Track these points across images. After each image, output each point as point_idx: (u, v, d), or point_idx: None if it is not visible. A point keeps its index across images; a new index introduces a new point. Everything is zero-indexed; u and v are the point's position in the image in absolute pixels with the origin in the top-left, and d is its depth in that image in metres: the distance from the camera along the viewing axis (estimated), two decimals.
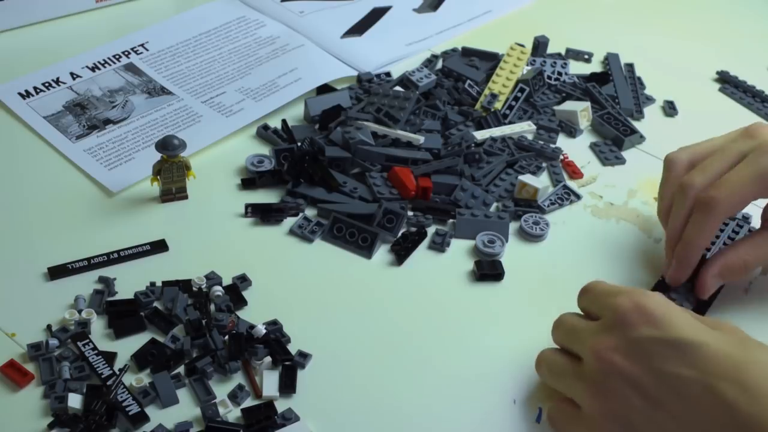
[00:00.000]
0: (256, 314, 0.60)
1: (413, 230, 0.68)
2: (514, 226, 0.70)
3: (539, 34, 0.91)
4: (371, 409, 0.55)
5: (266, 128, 0.77)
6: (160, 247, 0.64)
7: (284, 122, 0.77)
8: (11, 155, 0.73)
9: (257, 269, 0.63)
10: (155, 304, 0.60)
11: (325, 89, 0.83)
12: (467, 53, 0.91)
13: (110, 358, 0.55)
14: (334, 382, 0.56)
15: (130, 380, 0.54)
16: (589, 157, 0.79)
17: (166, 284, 0.61)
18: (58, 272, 0.61)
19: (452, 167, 0.72)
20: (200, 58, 0.86)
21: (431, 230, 0.68)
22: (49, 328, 0.57)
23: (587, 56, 0.94)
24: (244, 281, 0.62)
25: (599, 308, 0.53)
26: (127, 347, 0.56)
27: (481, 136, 0.77)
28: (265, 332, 0.58)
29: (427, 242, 0.68)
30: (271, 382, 0.55)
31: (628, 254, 0.69)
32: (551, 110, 0.83)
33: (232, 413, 0.53)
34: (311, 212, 0.69)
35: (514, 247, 0.68)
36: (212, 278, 0.62)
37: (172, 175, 0.67)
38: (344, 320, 0.61)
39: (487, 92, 0.83)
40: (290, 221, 0.68)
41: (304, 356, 0.57)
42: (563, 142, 0.80)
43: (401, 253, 0.66)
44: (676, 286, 0.63)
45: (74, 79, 0.82)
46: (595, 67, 0.93)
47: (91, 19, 0.92)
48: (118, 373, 0.54)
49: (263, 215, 0.68)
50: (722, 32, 1.03)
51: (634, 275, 0.67)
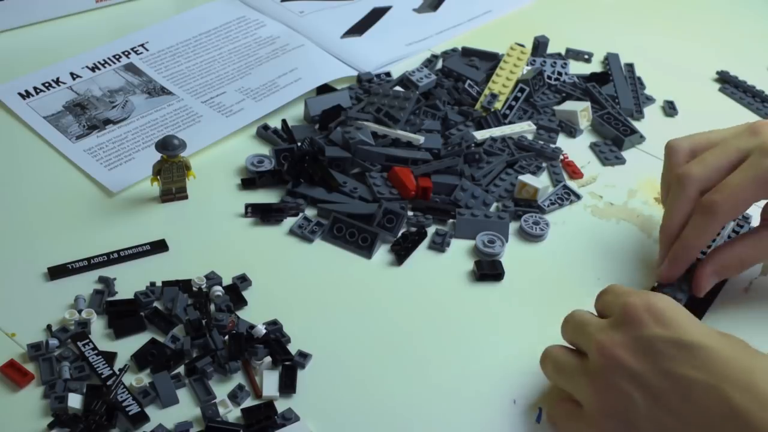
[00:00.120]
0: (256, 314, 0.60)
1: (413, 230, 0.68)
2: (514, 226, 0.70)
3: (539, 34, 0.91)
4: (371, 409, 0.55)
5: (266, 128, 0.77)
6: (160, 247, 0.64)
7: (284, 122, 0.77)
8: (11, 155, 0.73)
9: (257, 269, 0.63)
10: (155, 304, 0.60)
11: (325, 89, 0.83)
12: (467, 53, 0.91)
13: (110, 358, 0.55)
14: (334, 382, 0.56)
15: (130, 380, 0.54)
16: (589, 157, 0.79)
17: (166, 284, 0.61)
18: (58, 272, 0.61)
19: (452, 167, 0.72)
20: (200, 58, 0.86)
21: (431, 230, 0.68)
22: (49, 328, 0.57)
23: (587, 56, 0.94)
24: (244, 281, 0.62)
25: (610, 307, 0.53)
26: (127, 347, 0.56)
27: (481, 136, 0.77)
28: (265, 332, 0.58)
29: (427, 242, 0.68)
30: (271, 382, 0.55)
31: (628, 254, 0.69)
32: (551, 110, 0.83)
33: (232, 413, 0.53)
34: (311, 212, 0.69)
35: (514, 247, 0.68)
36: (212, 278, 0.62)
37: (172, 175, 0.67)
38: (344, 320, 0.61)
39: (487, 92, 0.83)
40: (290, 221, 0.68)
41: (304, 356, 0.57)
42: (563, 142, 0.80)
43: (401, 253, 0.66)
44: (666, 282, 0.63)
45: (74, 79, 0.82)
46: (595, 67, 0.93)
47: (91, 19, 0.92)
48: (118, 373, 0.54)
49: (263, 215, 0.68)
50: (722, 32, 1.03)
51: (633, 275, 0.67)
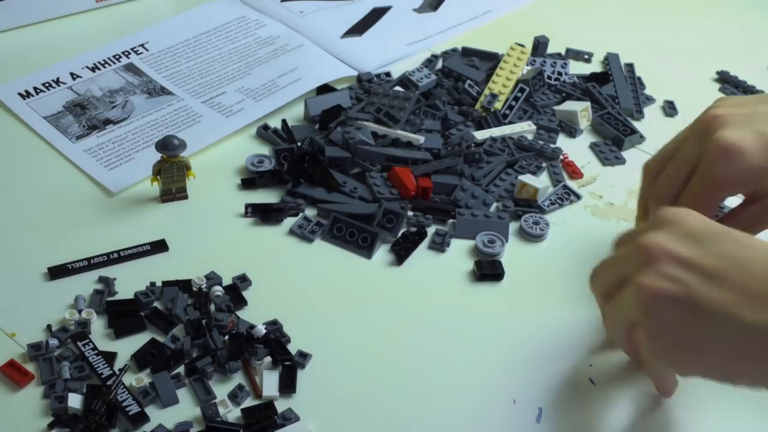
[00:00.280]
0: (256, 314, 0.60)
1: (413, 230, 0.68)
2: (514, 226, 0.70)
3: (539, 34, 0.91)
4: (371, 409, 0.55)
5: (266, 128, 0.77)
6: (160, 247, 0.64)
7: (284, 122, 0.77)
8: (11, 155, 0.73)
9: (257, 269, 0.63)
10: (155, 304, 0.60)
11: (325, 89, 0.83)
12: (467, 53, 0.91)
13: (110, 358, 0.55)
14: (334, 382, 0.56)
15: (130, 380, 0.54)
16: (589, 157, 0.79)
17: (166, 284, 0.61)
18: (58, 272, 0.61)
19: (452, 167, 0.72)
20: (200, 58, 0.86)
21: (431, 230, 0.68)
22: (49, 328, 0.57)
23: (587, 56, 0.94)
24: (244, 281, 0.62)
25: (639, 228, 0.51)
26: (127, 347, 0.56)
27: (481, 136, 0.77)
28: (265, 332, 0.58)
29: (427, 242, 0.68)
30: (271, 382, 0.55)
31: None
32: (551, 110, 0.83)
33: (232, 413, 0.53)
34: (311, 212, 0.69)
35: (514, 247, 0.68)
36: (212, 278, 0.62)
37: (172, 175, 0.67)
38: (344, 320, 0.61)
39: (487, 92, 0.83)
40: (290, 221, 0.68)
41: (304, 356, 0.57)
42: (563, 142, 0.80)
43: (401, 253, 0.66)
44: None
45: (74, 79, 0.82)
46: (595, 67, 0.93)
47: (91, 19, 0.92)
48: (118, 373, 0.54)
49: (263, 215, 0.68)
50: (722, 32, 1.03)
51: None
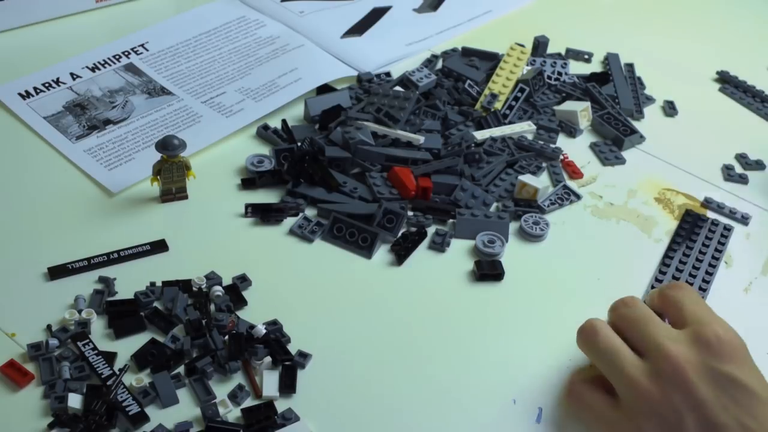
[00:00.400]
0: (256, 314, 0.60)
1: (413, 230, 0.68)
2: (514, 226, 0.70)
3: (539, 34, 0.91)
4: (371, 409, 0.55)
5: (266, 128, 0.77)
6: (160, 247, 0.64)
7: (284, 122, 0.77)
8: (11, 156, 0.73)
9: (257, 269, 0.63)
10: (155, 304, 0.60)
11: (325, 89, 0.83)
12: (467, 53, 0.91)
13: (110, 358, 0.55)
14: (334, 382, 0.56)
15: (130, 380, 0.54)
16: (589, 157, 0.79)
17: (166, 284, 0.61)
18: (58, 272, 0.61)
19: (452, 167, 0.72)
20: (200, 58, 0.86)
21: (431, 230, 0.68)
22: (49, 328, 0.57)
23: (587, 56, 0.94)
24: (244, 281, 0.62)
25: (688, 316, 0.53)
26: (127, 347, 0.56)
27: (481, 136, 0.77)
28: (265, 332, 0.58)
29: (427, 242, 0.68)
30: (271, 382, 0.55)
31: (627, 254, 0.69)
32: (551, 110, 0.83)
33: (232, 413, 0.53)
34: (311, 212, 0.69)
35: (514, 247, 0.68)
36: (212, 278, 0.62)
37: (172, 175, 0.67)
38: (344, 320, 0.61)
39: (487, 92, 0.83)
40: (290, 221, 0.68)
41: (304, 356, 0.57)
42: (563, 142, 0.80)
43: (401, 253, 0.66)
44: None
45: (74, 79, 0.82)
46: (595, 67, 0.93)
47: (91, 19, 0.92)
48: (118, 373, 0.54)
49: (263, 215, 0.68)
50: (722, 32, 1.03)
51: (633, 275, 0.67)
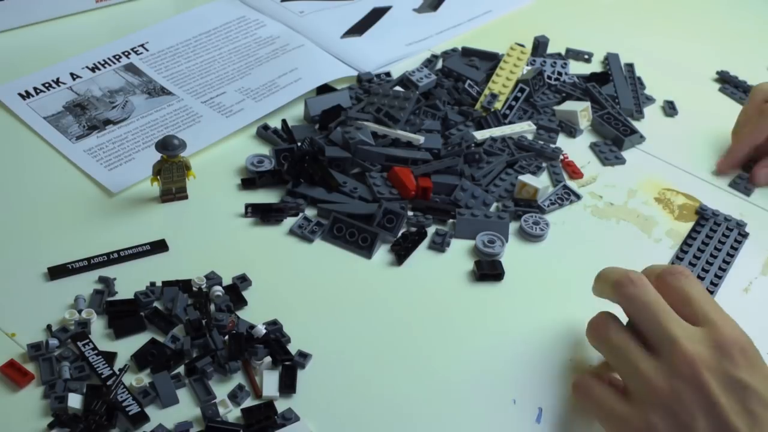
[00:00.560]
0: (256, 314, 0.60)
1: (413, 230, 0.68)
2: (514, 226, 0.70)
3: (539, 34, 0.91)
4: (371, 409, 0.55)
5: (266, 128, 0.77)
6: (160, 247, 0.64)
7: (284, 122, 0.77)
8: (11, 156, 0.73)
9: (257, 269, 0.63)
10: (155, 304, 0.60)
11: (325, 89, 0.83)
12: (467, 53, 0.91)
13: (110, 358, 0.55)
14: (334, 382, 0.56)
15: (130, 380, 0.54)
16: (589, 157, 0.79)
17: (166, 284, 0.61)
18: (58, 272, 0.61)
19: (452, 167, 0.72)
20: (200, 58, 0.86)
21: (431, 230, 0.68)
22: (49, 328, 0.57)
23: (587, 56, 0.94)
24: (244, 281, 0.62)
25: (700, 314, 0.52)
26: (127, 347, 0.56)
27: (481, 136, 0.77)
28: (265, 332, 0.58)
29: (427, 242, 0.68)
30: (271, 382, 0.55)
31: (628, 254, 0.69)
32: (551, 110, 0.83)
33: (232, 413, 0.53)
34: (311, 212, 0.69)
35: (514, 247, 0.68)
36: (212, 278, 0.62)
37: (172, 175, 0.67)
38: (344, 320, 0.61)
39: (487, 92, 0.83)
40: (290, 221, 0.68)
41: (304, 356, 0.57)
42: (563, 142, 0.80)
43: (401, 253, 0.66)
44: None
45: (74, 79, 0.82)
46: (595, 67, 0.93)
47: (91, 19, 0.92)
48: (118, 373, 0.54)
49: (263, 215, 0.68)
50: (722, 32, 1.03)
51: None
